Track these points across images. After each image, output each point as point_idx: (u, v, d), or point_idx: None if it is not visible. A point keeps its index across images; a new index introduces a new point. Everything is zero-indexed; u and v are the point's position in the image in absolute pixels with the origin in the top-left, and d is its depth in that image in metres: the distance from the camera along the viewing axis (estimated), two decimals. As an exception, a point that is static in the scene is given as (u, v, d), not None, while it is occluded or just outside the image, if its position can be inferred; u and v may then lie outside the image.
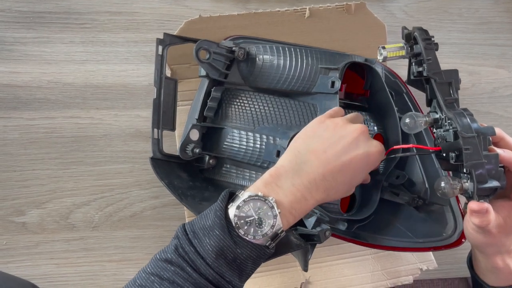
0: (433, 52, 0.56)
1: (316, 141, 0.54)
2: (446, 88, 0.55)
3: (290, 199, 0.50)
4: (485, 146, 0.51)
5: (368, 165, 0.56)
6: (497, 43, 0.89)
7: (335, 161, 0.53)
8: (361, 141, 0.55)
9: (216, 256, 0.47)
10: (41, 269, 0.74)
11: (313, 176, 0.52)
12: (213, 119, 0.68)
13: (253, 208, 0.49)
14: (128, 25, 0.79)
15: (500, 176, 0.50)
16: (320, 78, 0.64)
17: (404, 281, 0.74)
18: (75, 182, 0.76)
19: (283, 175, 0.51)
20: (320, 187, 0.52)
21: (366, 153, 0.55)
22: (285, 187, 0.51)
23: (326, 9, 0.74)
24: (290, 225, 0.51)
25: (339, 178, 0.53)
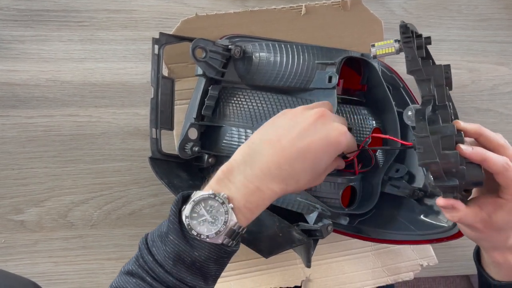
0: (411, 49, 0.54)
1: (272, 131, 0.53)
2: (426, 85, 0.54)
3: (243, 192, 0.49)
4: (450, 145, 0.50)
5: (329, 149, 0.53)
6: (496, 40, 0.89)
7: (290, 148, 0.50)
8: (319, 125, 0.52)
9: (174, 262, 0.46)
10: (40, 267, 0.74)
11: (266, 165, 0.50)
12: (211, 118, 0.68)
13: (204, 207, 0.48)
14: (126, 23, 0.79)
15: (464, 174, 0.50)
16: (317, 73, 0.63)
17: (405, 277, 0.74)
18: (73, 180, 0.76)
19: (235, 169, 0.50)
20: (277, 176, 0.50)
21: (325, 136, 0.52)
22: (237, 181, 0.49)
23: (322, 6, 0.74)
24: (250, 220, 0.50)
25: (297, 166, 0.51)
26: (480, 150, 0.50)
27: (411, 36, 0.54)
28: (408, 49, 0.55)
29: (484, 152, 0.50)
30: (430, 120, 0.51)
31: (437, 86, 0.54)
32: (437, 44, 0.86)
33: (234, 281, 0.71)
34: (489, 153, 0.50)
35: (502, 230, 0.53)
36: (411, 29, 0.55)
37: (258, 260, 0.72)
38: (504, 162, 0.50)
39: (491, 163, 0.50)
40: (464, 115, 0.86)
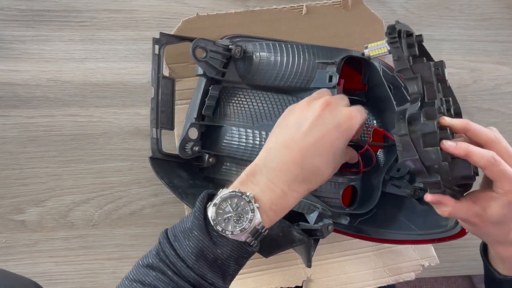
0: (398, 49, 0.54)
1: (285, 131, 0.53)
2: (414, 83, 0.54)
3: (269, 195, 0.49)
4: (433, 141, 0.50)
5: (343, 135, 0.53)
6: (498, 40, 0.89)
7: (306, 145, 0.51)
8: (327, 114, 0.53)
9: (197, 257, 0.46)
10: (41, 267, 0.74)
11: (287, 169, 0.50)
12: (211, 118, 0.68)
13: (230, 205, 0.48)
14: (127, 23, 0.79)
15: (448, 170, 0.50)
16: (318, 73, 0.63)
17: (406, 277, 0.74)
18: (74, 180, 0.76)
19: (257, 172, 0.51)
20: (299, 178, 0.50)
21: (336, 125, 0.52)
22: (261, 184, 0.50)
23: (323, 6, 0.74)
24: (273, 222, 0.50)
25: (317, 161, 0.51)
26: (463, 145, 0.50)
27: (396, 36, 0.54)
28: (394, 49, 0.55)
29: (467, 147, 0.50)
30: (412, 118, 0.51)
31: (426, 84, 0.54)
32: (438, 43, 0.86)
33: (235, 281, 0.71)
34: (473, 147, 0.50)
35: (499, 224, 0.52)
36: (403, 28, 0.55)
37: (259, 260, 0.71)
38: (489, 156, 0.49)
39: (476, 158, 0.49)
40: (466, 115, 0.85)
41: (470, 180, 0.52)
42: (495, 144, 0.51)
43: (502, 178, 0.49)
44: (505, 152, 0.51)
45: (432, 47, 0.86)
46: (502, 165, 0.49)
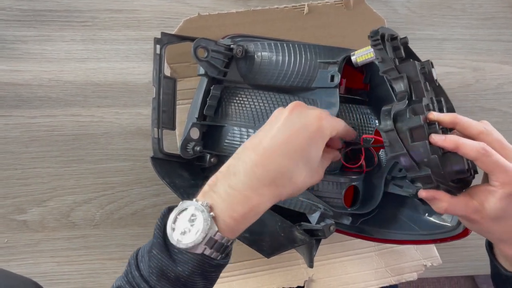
0: (381, 51, 0.55)
1: (255, 136, 0.51)
2: (400, 82, 0.55)
3: (228, 201, 0.47)
4: (421, 136, 0.50)
5: (313, 137, 0.50)
6: (501, 39, 0.88)
7: (271, 146, 0.48)
8: (294, 116, 0.51)
9: (157, 277, 0.45)
10: (42, 267, 0.74)
11: (251, 169, 0.48)
12: (213, 118, 0.68)
13: (186, 217, 0.46)
14: (128, 23, 0.79)
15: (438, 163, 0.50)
16: (320, 72, 0.63)
17: (408, 278, 0.73)
18: (76, 180, 0.76)
19: (219, 180, 0.48)
20: (264, 179, 0.48)
21: (303, 125, 0.50)
22: (221, 191, 0.47)
23: (325, 5, 0.74)
24: (236, 231, 0.48)
25: (284, 162, 0.48)
26: (452, 137, 0.49)
27: (379, 39, 0.55)
28: (378, 51, 0.55)
29: (457, 140, 0.49)
30: (398, 114, 0.51)
31: (413, 82, 0.54)
32: (440, 43, 0.86)
33: (237, 281, 0.71)
34: (462, 140, 0.49)
35: (500, 219, 0.51)
36: (387, 32, 0.56)
37: (260, 260, 0.71)
38: (479, 147, 0.48)
39: (465, 149, 0.49)
40: (469, 114, 0.84)
41: (465, 174, 0.51)
42: (486, 136, 0.50)
43: (496, 169, 0.48)
44: (497, 143, 0.50)
45: (434, 46, 0.86)
46: (493, 155, 0.48)
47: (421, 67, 0.55)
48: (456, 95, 0.85)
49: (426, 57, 0.83)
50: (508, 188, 0.49)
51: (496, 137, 0.50)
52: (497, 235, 0.53)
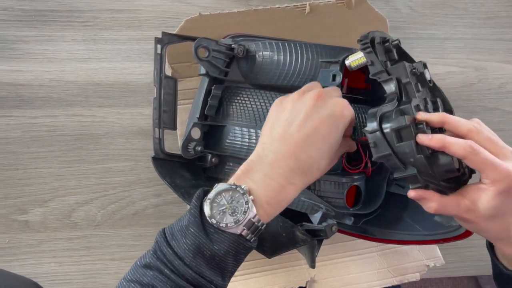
0: (371, 54, 0.56)
1: (278, 126, 0.53)
2: (390, 83, 0.55)
3: (265, 189, 0.49)
4: (408, 136, 0.50)
5: (336, 123, 0.53)
6: (504, 38, 0.88)
7: (301, 137, 0.51)
8: (319, 105, 0.53)
9: (194, 255, 0.46)
10: (44, 267, 0.74)
11: (284, 161, 0.50)
12: (214, 117, 0.68)
13: (225, 198, 0.48)
14: (130, 23, 0.79)
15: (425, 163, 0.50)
16: (321, 72, 0.63)
17: (411, 278, 0.73)
18: (77, 180, 0.76)
19: (253, 168, 0.50)
20: (296, 170, 0.50)
21: (330, 114, 0.52)
22: (257, 179, 0.50)
23: (327, 4, 0.73)
24: (270, 216, 0.50)
25: (313, 152, 0.51)
26: (439, 136, 0.49)
27: (368, 42, 0.56)
28: (368, 54, 0.56)
29: (443, 138, 0.49)
30: (384, 116, 0.52)
31: (404, 84, 0.55)
32: (443, 42, 0.86)
33: (239, 281, 0.71)
34: (449, 138, 0.49)
35: (494, 218, 0.50)
36: (378, 35, 0.57)
37: (262, 260, 0.71)
38: (466, 146, 0.48)
39: (453, 148, 0.49)
40: (471, 114, 0.85)
41: (455, 173, 0.51)
42: (476, 134, 0.50)
43: (485, 166, 0.48)
44: (487, 141, 0.50)
45: (436, 45, 0.86)
46: (482, 153, 0.48)
47: (412, 69, 0.56)
48: (459, 94, 0.85)
49: (428, 56, 0.84)
50: (499, 185, 0.48)
51: (486, 135, 0.50)
52: (494, 234, 0.53)
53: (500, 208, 0.49)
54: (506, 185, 0.48)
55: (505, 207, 0.49)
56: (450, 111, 0.60)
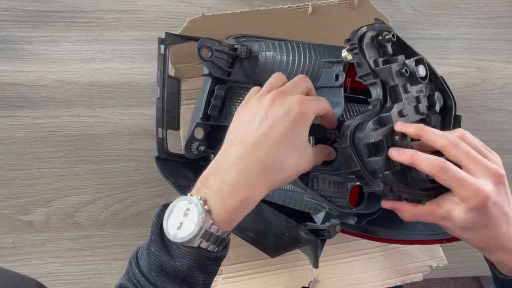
0: (357, 56, 0.55)
1: (238, 131, 0.51)
2: (374, 88, 0.56)
3: (221, 196, 0.47)
4: (379, 150, 0.51)
5: (294, 121, 0.50)
6: (507, 38, 0.88)
7: (257, 137, 0.49)
8: (277, 105, 0.50)
9: (157, 273, 0.46)
10: (47, 267, 0.74)
11: (240, 163, 0.48)
12: (217, 118, 0.68)
13: (182, 211, 0.47)
14: (133, 23, 0.79)
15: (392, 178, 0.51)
16: (324, 72, 0.63)
17: (414, 278, 0.73)
18: (80, 180, 0.76)
19: (210, 176, 0.49)
20: (254, 171, 0.48)
21: (285, 112, 0.50)
22: (213, 187, 0.48)
23: (329, 5, 0.73)
24: (231, 224, 0.48)
25: (271, 151, 0.49)
26: (409, 152, 0.50)
27: (355, 43, 0.55)
28: (354, 55, 0.56)
29: (412, 155, 0.49)
30: (358, 129, 0.52)
31: (390, 87, 0.55)
32: (446, 42, 0.86)
33: (242, 281, 0.71)
34: (419, 155, 0.49)
35: (470, 229, 0.51)
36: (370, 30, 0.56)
37: (265, 260, 0.71)
38: (435, 164, 0.48)
39: (421, 166, 0.49)
40: (474, 114, 0.85)
41: (429, 184, 0.52)
42: (452, 150, 0.49)
43: (454, 184, 0.48)
44: (463, 157, 0.49)
45: (439, 46, 0.86)
46: (451, 171, 0.48)
47: (399, 69, 0.55)
48: (462, 94, 0.85)
49: (431, 56, 0.84)
50: (470, 203, 0.48)
51: (463, 150, 0.49)
52: (473, 243, 0.53)
53: (473, 223, 0.50)
54: (475, 203, 0.48)
55: (479, 222, 0.50)
56: (451, 108, 0.60)
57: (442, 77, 0.60)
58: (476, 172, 0.49)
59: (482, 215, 0.49)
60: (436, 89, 0.60)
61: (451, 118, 0.61)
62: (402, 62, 0.56)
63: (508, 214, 0.50)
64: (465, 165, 0.49)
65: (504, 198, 0.49)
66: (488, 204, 0.48)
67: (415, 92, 0.57)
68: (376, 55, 0.57)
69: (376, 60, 0.56)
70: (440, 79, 0.60)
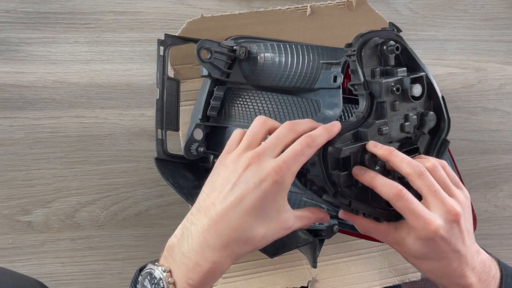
0: (354, 63, 0.55)
1: (209, 193, 0.48)
2: (362, 99, 0.55)
3: (183, 269, 0.46)
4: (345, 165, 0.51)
5: (267, 192, 0.46)
6: (503, 39, 0.89)
7: (223, 208, 0.46)
8: (250, 172, 0.46)
9: None
10: (47, 267, 0.74)
11: (202, 236, 0.46)
12: (216, 119, 0.68)
13: (150, 282, 0.47)
14: (132, 25, 0.79)
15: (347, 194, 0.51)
16: (322, 73, 0.63)
17: (412, 278, 0.74)
18: (80, 181, 0.76)
19: (175, 246, 0.47)
20: (216, 245, 0.46)
21: (257, 182, 0.46)
22: (177, 259, 0.47)
23: (327, 6, 0.74)
24: None
25: (237, 225, 0.46)
26: (370, 175, 0.50)
27: (355, 50, 0.54)
28: (352, 62, 0.55)
29: (372, 178, 0.50)
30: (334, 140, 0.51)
31: (377, 102, 0.54)
32: (443, 43, 0.86)
33: (240, 281, 0.71)
34: (378, 179, 0.49)
35: (419, 259, 0.51)
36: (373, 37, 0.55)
37: (264, 260, 0.71)
38: (393, 191, 0.48)
39: (379, 190, 0.49)
40: (471, 115, 0.86)
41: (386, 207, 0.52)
42: (416, 179, 0.49)
43: (407, 213, 0.48)
44: (424, 189, 0.49)
45: (436, 47, 0.86)
46: (405, 200, 0.48)
47: (391, 87, 0.54)
48: (459, 95, 0.86)
49: (428, 57, 0.85)
50: (418, 233, 0.48)
51: (426, 182, 0.49)
52: (426, 274, 0.53)
53: (421, 253, 0.50)
54: (423, 234, 0.48)
55: (427, 253, 0.50)
56: (443, 126, 0.59)
57: (443, 97, 0.59)
58: (432, 206, 0.49)
59: (430, 247, 0.49)
60: (433, 108, 0.59)
61: (438, 142, 0.60)
62: (398, 79, 0.55)
63: (460, 252, 0.49)
64: (424, 196, 0.49)
65: (457, 236, 0.49)
66: (435, 238, 0.48)
67: (405, 109, 0.56)
68: (375, 64, 0.56)
69: (374, 69, 0.55)
70: (440, 99, 0.59)
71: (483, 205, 0.84)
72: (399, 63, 0.57)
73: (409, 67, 0.57)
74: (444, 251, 0.49)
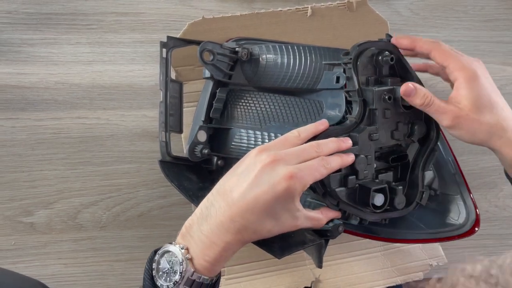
0: (350, 70, 0.58)
1: (229, 180, 0.52)
2: (355, 105, 0.58)
3: (201, 246, 0.50)
4: None
5: (278, 197, 0.50)
6: (503, 40, 0.89)
7: (240, 201, 0.50)
8: (265, 174, 0.50)
9: None
10: (49, 269, 0.74)
11: (219, 219, 0.50)
12: (219, 120, 0.69)
13: (167, 259, 0.50)
14: (134, 26, 0.79)
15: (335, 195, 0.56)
16: (325, 74, 0.64)
17: (414, 277, 0.74)
18: (82, 182, 0.76)
19: (194, 224, 0.52)
20: (230, 229, 0.50)
21: (270, 188, 0.50)
22: (195, 236, 0.51)
23: (328, 8, 0.74)
24: (213, 271, 0.51)
25: (251, 218, 0.50)
26: (409, 37, 0.61)
27: (352, 58, 0.58)
28: (348, 69, 0.58)
29: (412, 37, 0.60)
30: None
31: (370, 109, 0.58)
32: (443, 44, 0.87)
33: (244, 282, 0.72)
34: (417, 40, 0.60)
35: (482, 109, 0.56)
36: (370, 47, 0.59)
37: (268, 261, 0.72)
38: (433, 40, 0.59)
39: (420, 43, 0.59)
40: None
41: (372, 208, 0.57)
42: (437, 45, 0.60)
43: (449, 58, 0.57)
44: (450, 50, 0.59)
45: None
46: (445, 47, 0.59)
47: (383, 96, 0.58)
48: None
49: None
50: (465, 72, 0.56)
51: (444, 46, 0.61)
52: (487, 128, 0.56)
53: (480, 96, 0.56)
54: (471, 72, 0.56)
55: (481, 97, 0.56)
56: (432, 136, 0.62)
57: None
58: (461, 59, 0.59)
59: (479, 87, 0.56)
60: (424, 117, 0.61)
61: (427, 150, 0.62)
62: (391, 88, 0.58)
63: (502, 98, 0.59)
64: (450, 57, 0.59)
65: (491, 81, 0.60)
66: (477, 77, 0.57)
67: (397, 117, 0.59)
68: (370, 73, 0.59)
69: (369, 78, 0.59)
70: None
71: (483, 205, 0.84)
72: (393, 73, 0.61)
73: (402, 78, 0.61)
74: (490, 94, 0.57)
